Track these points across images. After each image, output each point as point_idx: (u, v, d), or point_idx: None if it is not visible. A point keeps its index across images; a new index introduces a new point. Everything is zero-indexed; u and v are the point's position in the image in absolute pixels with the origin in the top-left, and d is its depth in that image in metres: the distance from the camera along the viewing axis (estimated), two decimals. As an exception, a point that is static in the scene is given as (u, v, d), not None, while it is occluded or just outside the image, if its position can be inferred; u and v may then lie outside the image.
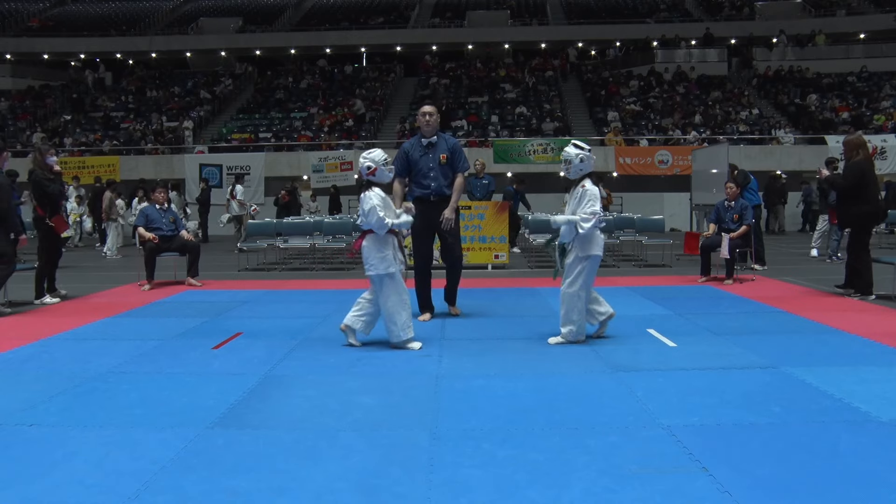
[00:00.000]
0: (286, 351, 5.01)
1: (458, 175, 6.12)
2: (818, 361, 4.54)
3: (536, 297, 7.41)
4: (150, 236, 8.46)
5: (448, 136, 6.36)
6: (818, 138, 20.65)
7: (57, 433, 3.34)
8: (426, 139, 6.07)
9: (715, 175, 11.05)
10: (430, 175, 6.03)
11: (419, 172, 6.05)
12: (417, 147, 6.08)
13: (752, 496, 2.58)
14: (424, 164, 6.03)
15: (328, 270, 10.64)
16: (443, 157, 6.03)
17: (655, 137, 21.80)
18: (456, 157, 6.11)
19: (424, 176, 6.04)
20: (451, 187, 6.08)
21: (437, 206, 6.03)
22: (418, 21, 30.86)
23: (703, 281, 8.44)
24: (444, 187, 6.05)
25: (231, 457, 3.03)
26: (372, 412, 3.63)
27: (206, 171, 20.49)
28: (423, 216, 5.82)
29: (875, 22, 27.34)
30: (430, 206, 6.01)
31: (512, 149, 20.42)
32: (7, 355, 4.93)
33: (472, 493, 2.65)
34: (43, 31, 30.77)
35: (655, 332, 5.45)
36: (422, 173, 6.04)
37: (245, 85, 28.08)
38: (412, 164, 6.07)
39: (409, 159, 6.07)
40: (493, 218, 10.18)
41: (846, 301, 7.00)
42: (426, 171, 6.03)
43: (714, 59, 26.58)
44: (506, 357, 4.78)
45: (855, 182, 7.05)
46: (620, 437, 3.21)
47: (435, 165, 6.03)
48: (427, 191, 6.04)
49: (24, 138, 23.46)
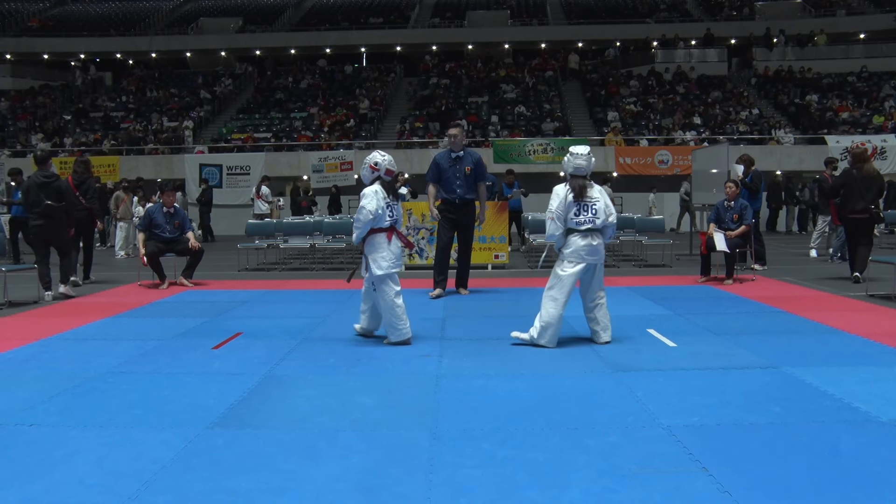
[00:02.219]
0: (286, 351, 5.01)
1: (480, 184, 7.53)
2: (818, 361, 4.54)
3: (536, 297, 7.37)
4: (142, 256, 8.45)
5: (473, 150, 7.87)
6: (818, 138, 20.65)
7: (57, 433, 3.34)
8: (454, 153, 7.47)
9: (715, 175, 11.04)
10: (456, 183, 7.42)
11: (447, 181, 7.46)
12: (447, 159, 7.49)
13: (752, 496, 2.58)
14: (452, 174, 7.43)
15: (328, 270, 10.64)
16: (467, 169, 7.41)
17: (656, 137, 21.80)
18: (479, 170, 7.50)
19: (452, 183, 7.44)
20: (473, 192, 7.47)
21: (461, 207, 7.46)
22: (418, 21, 30.85)
23: (703, 281, 8.43)
24: (468, 193, 7.46)
25: (231, 457, 3.03)
26: (372, 412, 3.63)
27: (206, 171, 20.51)
28: (448, 214, 7.47)
29: (875, 22, 27.33)
30: (456, 207, 7.47)
31: (512, 149, 20.42)
32: (7, 355, 4.93)
33: (472, 493, 2.65)
34: (43, 31, 30.77)
35: (655, 332, 5.45)
36: (450, 182, 7.45)
37: (245, 85, 28.08)
38: (442, 172, 7.48)
39: (440, 169, 7.48)
40: (493, 218, 10.17)
41: (846, 301, 7.00)
42: (453, 180, 7.43)
43: (714, 59, 26.57)
44: (506, 357, 4.78)
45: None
46: (620, 437, 3.21)
47: (461, 176, 7.41)
48: (454, 195, 7.44)
49: (24, 138, 23.48)
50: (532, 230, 11.39)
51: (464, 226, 7.51)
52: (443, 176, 7.47)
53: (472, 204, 7.54)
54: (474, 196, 7.52)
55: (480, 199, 7.57)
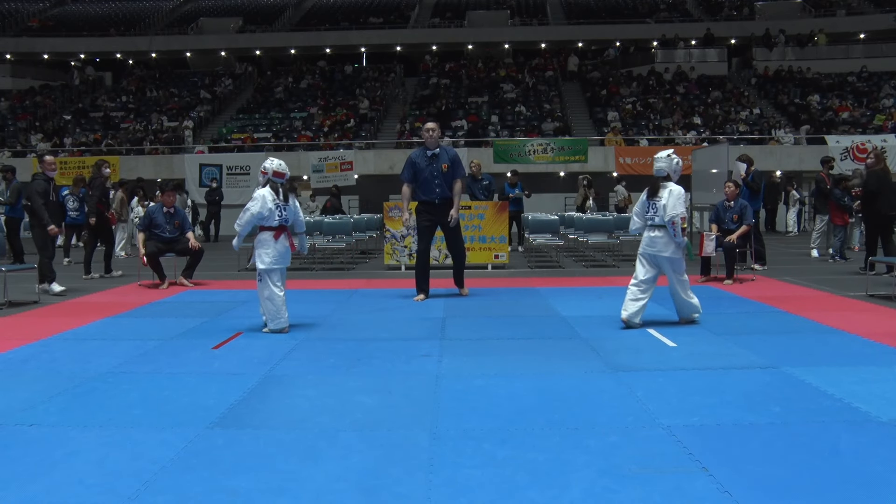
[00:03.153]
0: (286, 351, 5.01)
1: (457, 181, 7.16)
2: (818, 361, 4.54)
3: (536, 297, 7.41)
4: (142, 256, 8.50)
5: (448, 147, 7.54)
6: (818, 138, 20.65)
7: (57, 433, 3.34)
8: (430, 150, 7.12)
9: (715, 175, 11.05)
10: (435, 182, 7.09)
11: (425, 181, 7.11)
12: (423, 157, 7.14)
13: (752, 496, 2.58)
14: (429, 172, 7.08)
15: (328, 270, 10.64)
16: (444, 167, 7.08)
17: (656, 137, 21.80)
18: (455, 166, 7.17)
19: (430, 183, 7.09)
20: (452, 191, 7.11)
21: (441, 208, 7.12)
22: (418, 21, 30.85)
23: (703, 281, 8.44)
24: (447, 191, 7.12)
25: (231, 457, 3.03)
26: (372, 412, 3.63)
27: (206, 171, 20.51)
28: (428, 216, 7.15)
29: (875, 22, 27.33)
30: (435, 208, 7.13)
31: (512, 149, 20.41)
32: (7, 355, 4.93)
33: (472, 493, 2.65)
34: (43, 31, 30.76)
35: (655, 332, 5.46)
36: (427, 182, 7.10)
37: (245, 85, 28.07)
38: (418, 171, 7.11)
39: (416, 168, 7.11)
40: (493, 218, 10.18)
41: (846, 301, 7.01)
42: (431, 179, 7.09)
43: (714, 59, 26.58)
44: (506, 357, 4.78)
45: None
46: (620, 437, 3.21)
47: (439, 174, 7.08)
48: (433, 195, 7.10)
49: (24, 138, 23.48)
50: (532, 230, 11.37)
51: (447, 225, 7.23)
52: (419, 176, 7.11)
53: (452, 202, 7.18)
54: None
55: (454, 197, 7.15)
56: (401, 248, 10.24)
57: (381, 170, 20.68)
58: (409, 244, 10.16)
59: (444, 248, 8.77)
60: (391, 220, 10.25)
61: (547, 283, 8.54)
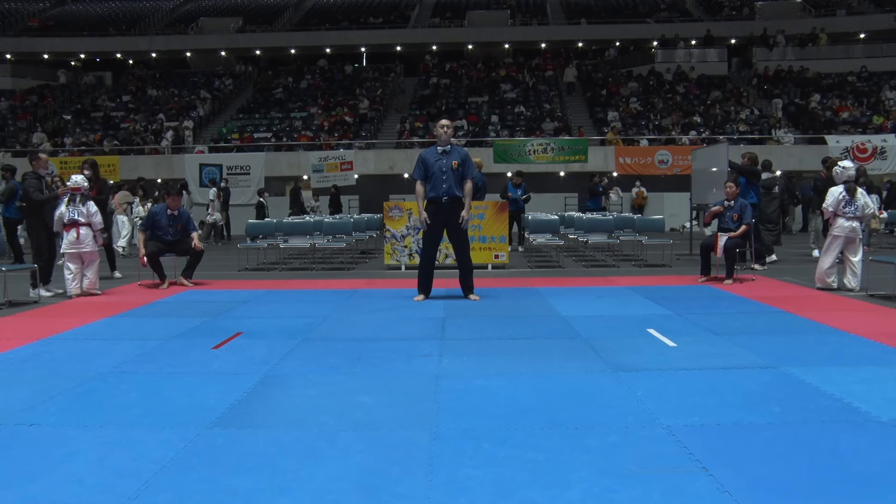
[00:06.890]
0: (286, 351, 5.00)
1: (467, 181, 7.12)
2: (818, 361, 4.54)
3: (536, 297, 7.41)
4: (142, 256, 8.51)
5: (460, 147, 7.49)
6: (818, 138, 20.65)
7: (57, 433, 3.33)
8: (441, 147, 7.10)
9: (715, 175, 11.04)
10: (443, 178, 7.01)
11: (434, 176, 7.04)
12: (434, 153, 7.11)
13: (752, 496, 2.58)
14: (439, 168, 7.02)
15: (328, 270, 10.64)
16: (455, 164, 7.03)
17: (656, 137, 21.81)
18: (466, 165, 7.12)
19: (438, 178, 7.02)
20: (460, 188, 7.08)
21: (448, 206, 7.02)
22: (418, 21, 30.85)
23: (703, 281, 8.43)
24: (455, 189, 7.04)
25: (231, 457, 3.03)
26: (372, 412, 3.63)
27: (206, 171, 20.51)
28: (435, 215, 7.03)
29: (875, 22, 27.33)
30: (443, 206, 7.03)
31: (512, 149, 20.42)
32: (7, 355, 4.93)
33: (472, 493, 2.65)
34: (43, 31, 30.77)
35: (655, 332, 5.45)
36: (436, 177, 7.03)
37: (245, 85, 28.07)
38: (429, 168, 7.05)
39: (426, 164, 7.07)
40: (493, 218, 10.18)
41: (846, 301, 7.01)
42: (440, 175, 7.02)
43: (714, 59, 26.59)
44: (506, 357, 4.78)
45: None
46: (620, 437, 3.20)
47: (448, 170, 7.02)
48: (440, 191, 7.00)
49: (24, 138, 23.48)
50: (532, 230, 11.36)
51: (454, 226, 7.09)
52: (429, 171, 7.02)
53: (461, 202, 7.06)
54: (462, 193, 7.06)
55: (466, 198, 7.07)
56: (401, 248, 10.25)
57: (381, 170, 20.69)
58: (409, 244, 10.17)
59: (444, 248, 8.77)
60: (391, 220, 10.25)
61: (547, 283, 8.53)
